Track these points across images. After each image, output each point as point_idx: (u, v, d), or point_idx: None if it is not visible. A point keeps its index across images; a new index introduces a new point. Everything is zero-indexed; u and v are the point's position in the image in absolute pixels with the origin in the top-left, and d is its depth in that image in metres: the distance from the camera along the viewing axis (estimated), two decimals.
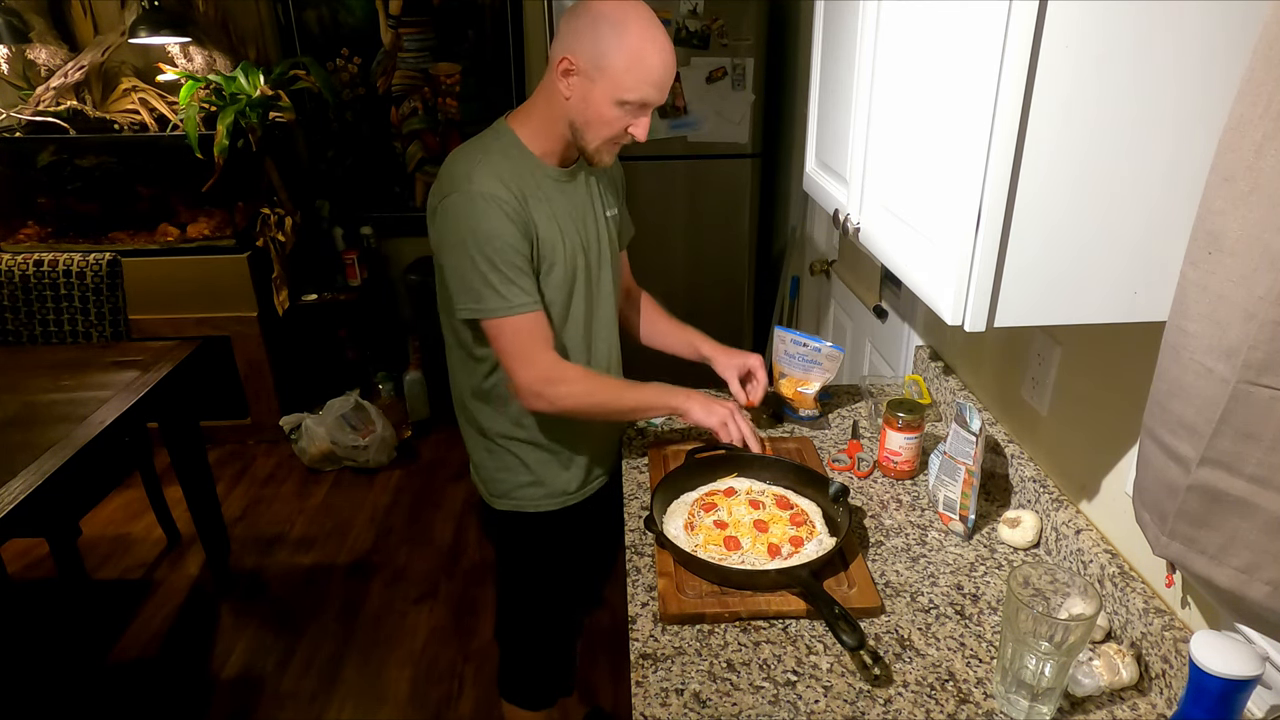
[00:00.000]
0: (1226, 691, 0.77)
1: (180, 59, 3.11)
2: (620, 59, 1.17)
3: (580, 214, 1.37)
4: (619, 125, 1.24)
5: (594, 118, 1.23)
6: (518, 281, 1.25)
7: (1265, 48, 0.64)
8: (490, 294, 1.24)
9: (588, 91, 1.21)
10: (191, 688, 2.21)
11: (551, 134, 1.29)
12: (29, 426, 1.91)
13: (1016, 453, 1.38)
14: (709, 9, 2.79)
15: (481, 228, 1.21)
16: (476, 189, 1.21)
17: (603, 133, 1.24)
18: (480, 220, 1.21)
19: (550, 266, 1.31)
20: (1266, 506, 0.67)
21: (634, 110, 1.22)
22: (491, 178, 1.22)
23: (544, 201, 1.29)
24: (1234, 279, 0.66)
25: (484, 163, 1.25)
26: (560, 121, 1.27)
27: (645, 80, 1.19)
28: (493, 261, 1.22)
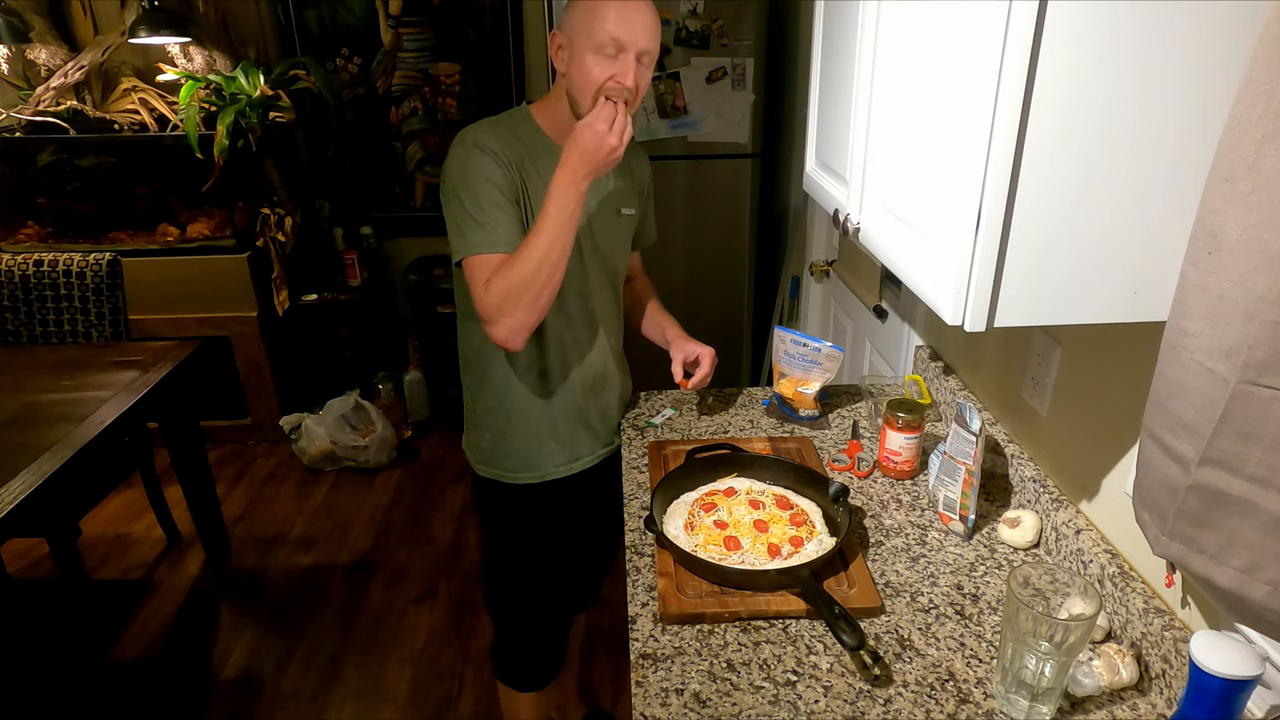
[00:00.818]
0: (1226, 691, 0.77)
1: (180, 59, 3.11)
2: (586, 7, 1.24)
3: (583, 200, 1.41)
4: (601, 74, 1.25)
5: (579, 78, 1.27)
6: (501, 220, 1.28)
7: (1265, 48, 0.64)
8: (473, 229, 1.28)
9: (571, 55, 1.27)
10: (191, 688, 2.21)
11: (559, 113, 1.35)
12: (29, 426, 1.91)
13: (1016, 453, 1.38)
14: (709, 9, 2.79)
15: (471, 170, 1.29)
16: (471, 140, 1.30)
17: (588, 86, 1.26)
18: (470, 165, 1.29)
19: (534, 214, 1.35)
20: (1266, 506, 0.67)
21: (612, 56, 1.24)
22: (489, 135, 1.31)
23: (542, 174, 1.33)
24: (1234, 279, 0.66)
25: (489, 126, 1.34)
26: (564, 99, 1.33)
27: (609, 16, 1.22)
28: (477, 201, 1.28)
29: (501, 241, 1.28)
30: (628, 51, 1.24)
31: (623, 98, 1.25)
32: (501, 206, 1.29)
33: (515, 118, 1.38)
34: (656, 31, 1.28)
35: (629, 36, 1.24)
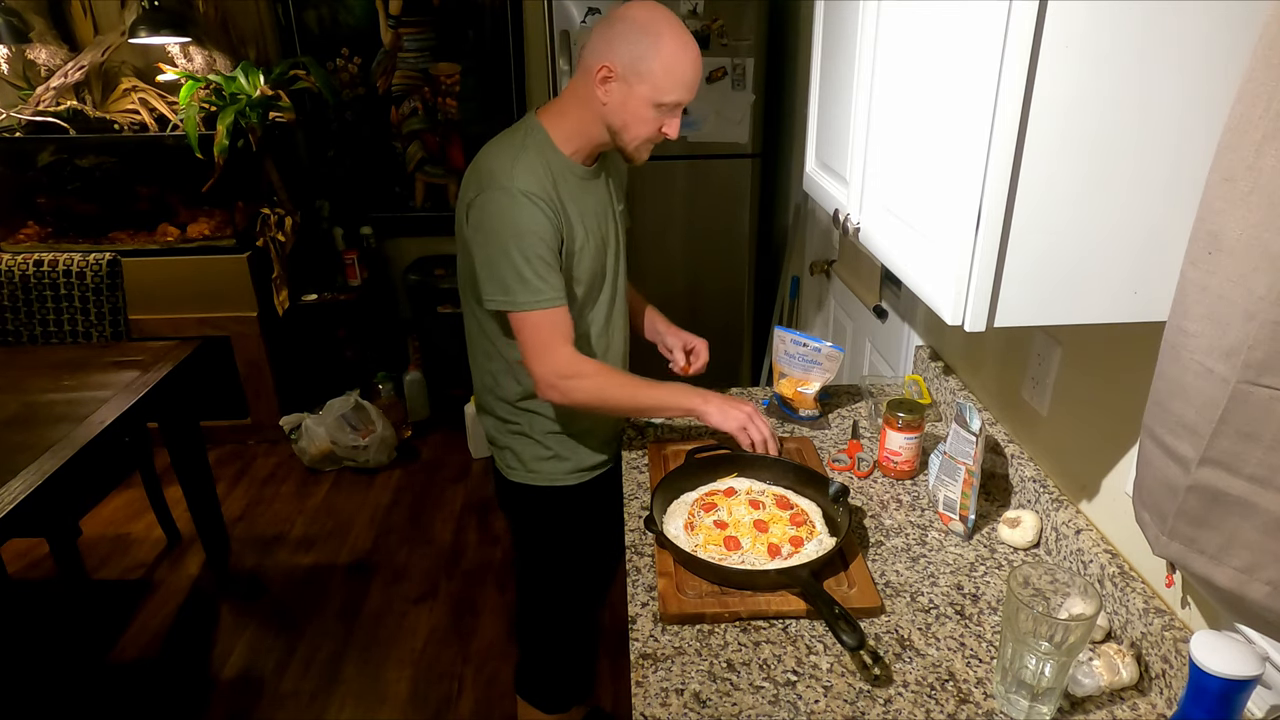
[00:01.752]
0: (1226, 691, 0.77)
1: (180, 59, 3.11)
2: (658, 64, 1.25)
3: (601, 210, 1.43)
4: (655, 125, 1.31)
5: (632, 119, 1.29)
6: (546, 277, 1.29)
7: (1265, 48, 0.64)
8: (519, 287, 1.29)
9: (626, 96, 1.27)
10: (191, 688, 2.21)
11: (585, 135, 1.35)
12: (29, 426, 1.91)
13: (1016, 453, 1.38)
14: (709, 9, 2.79)
15: (521, 224, 1.27)
16: (519, 186, 1.26)
17: (641, 133, 1.31)
18: (520, 216, 1.27)
19: (578, 261, 1.37)
20: (1266, 506, 0.67)
21: (669, 110, 1.30)
22: (531, 175, 1.28)
23: (572, 199, 1.35)
24: (1234, 279, 0.66)
25: (522, 160, 1.30)
26: (596, 125, 1.33)
27: (680, 83, 1.27)
28: (526, 256, 1.27)
29: (547, 300, 1.30)
30: (681, 107, 1.32)
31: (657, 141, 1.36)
32: (551, 265, 1.30)
33: (535, 141, 1.34)
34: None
35: (691, 98, 1.31)
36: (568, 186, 1.34)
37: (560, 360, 1.33)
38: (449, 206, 3.70)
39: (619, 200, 1.51)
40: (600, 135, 1.34)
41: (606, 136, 1.34)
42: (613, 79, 1.27)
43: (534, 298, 1.29)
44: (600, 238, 1.42)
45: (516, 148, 1.32)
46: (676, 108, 1.30)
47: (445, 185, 3.68)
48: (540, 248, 1.28)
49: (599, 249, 1.41)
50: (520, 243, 1.27)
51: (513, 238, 1.27)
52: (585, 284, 1.41)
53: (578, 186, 1.37)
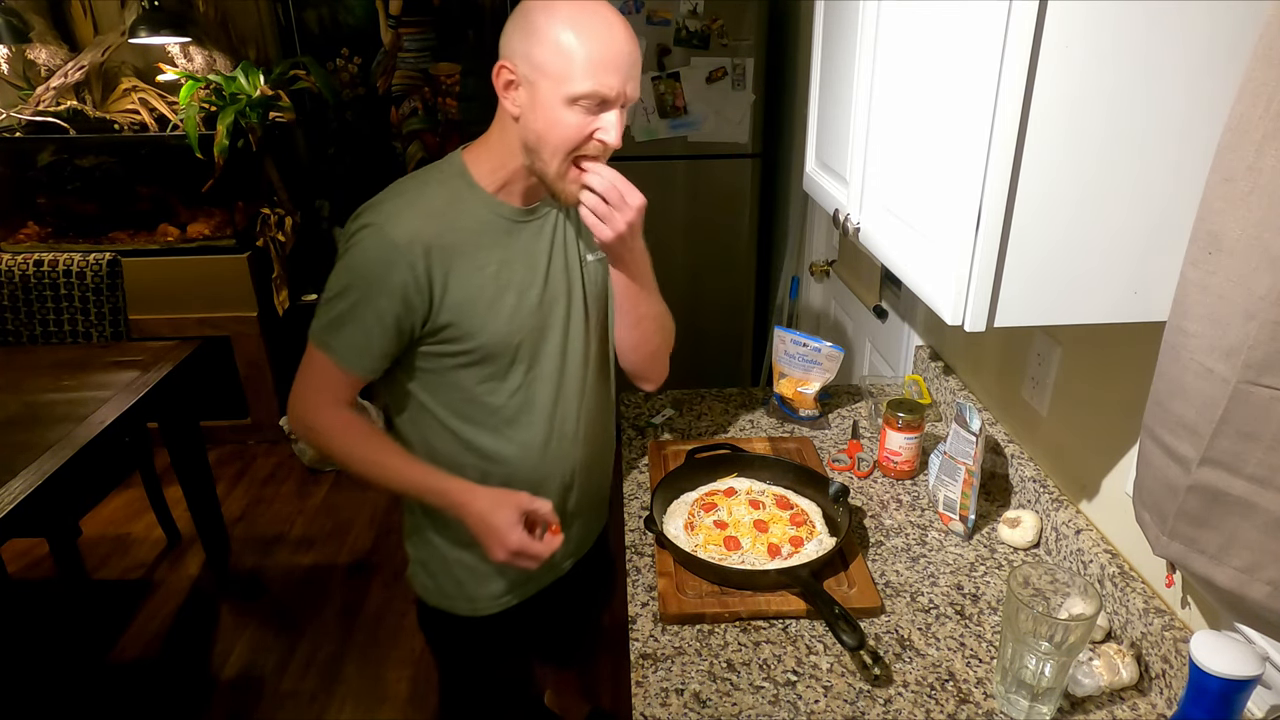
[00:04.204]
0: (1226, 691, 0.77)
1: (180, 59, 3.11)
2: (554, 47, 0.97)
3: (537, 261, 1.16)
4: (579, 130, 1.00)
5: (546, 128, 1.01)
6: (366, 335, 1.09)
7: (1265, 48, 0.64)
8: (331, 322, 1.09)
9: (532, 99, 1.01)
10: (191, 688, 2.21)
11: (507, 165, 1.09)
12: (29, 426, 1.91)
13: (1016, 453, 1.38)
14: (709, 9, 2.79)
15: (373, 270, 1.06)
16: (390, 234, 1.05)
17: (560, 143, 1.02)
18: (375, 263, 1.05)
19: (473, 324, 1.11)
20: (1266, 506, 0.67)
21: (592, 107, 1.00)
22: (413, 223, 1.06)
23: (484, 250, 1.11)
24: (1234, 279, 0.66)
25: (416, 202, 1.09)
26: (514, 149, 1.07)
27: (592, 65, 0.97)
28: (359, 302, 1.07)
29: (359, 363, 1.11)
30: (613, 104, 1.01)
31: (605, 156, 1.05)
32: (383, 327, 1.08)
33: (446, 174, 1.12)
34: (639, 65, 1.04)
35: (617, 87, 0.99)
36: (481, 233, 1.10)
37: (315, 408, 1.15)
38: None
39: (590, 248, 1.22)
40: (525, 161, 1.07)
41: (528, 164, 1.07)
42: (515, 83, 1.02)
43: (332, 340, 1.10)
44: (535, 294, 1.15)
45: (420, 183, 1.12)
46: (603, 103, 1.00)
47: None
48: (379, 305, 1.06)
49: (529, 307, 1.14)
50: (365, 286, 1.06)
51: (360, 279, 1.06)
52: (490, 351, 1.13)
53: (502, 231, 1.12)
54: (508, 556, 1.09)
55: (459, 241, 1.08)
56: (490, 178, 1.11)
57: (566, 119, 1.00)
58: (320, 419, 1.15)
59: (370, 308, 1.07)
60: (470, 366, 1.14)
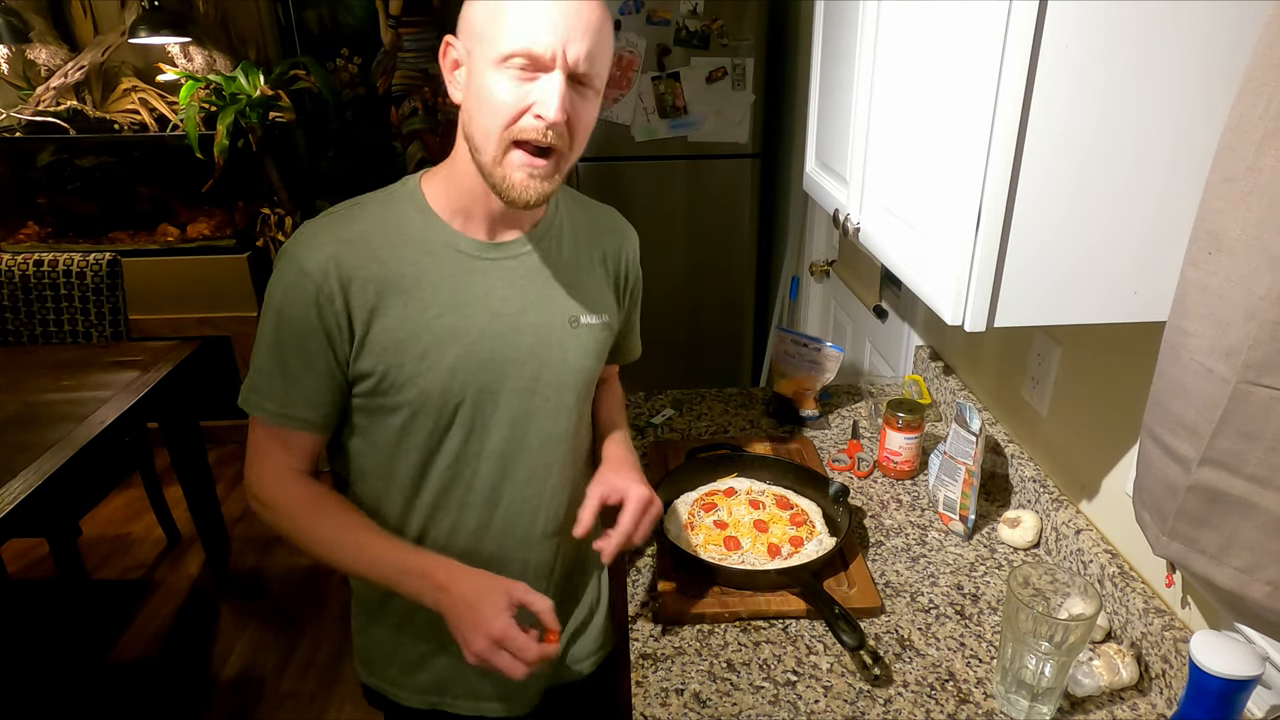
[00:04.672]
0: (1226, 691, 0.77)
1: (180, 59, 3.11)
2: (488, 4, 0.83)
3: (501, 309, 0.95)
4: (512, 101, 0.82)
5: (478, 103, 0.84)
6: (294, 382, 0.92)
7: (1265, 47, 0.64)
8: (256, 373, 0.94)
9: (469, 70, 0.86)
10: (191, 688, 2.21)
11: (464, 184, 0.92)
12: (29, 426, 1.91)
13: (1016, 453, 1.38)
14: (709, 9, 2.79)
15: (289, 301, 0.90)
16: (302, 259, 0.89)
17: (495, 119, 0.83)
18: (290, 293, 0.90)
19: (408, 372, 0.92)
20: (1266, 506, 0.67)
21: (523, 71, 0.82)
22: (329, 248, 0.89)
23: (427, 288, 0.92)
24: (1234, 279, 0.66)
25: (343, 224, 0.92)
26: (464, 155, 0.90)
27: (523, 15, 0.80)
28: (282, 343, 0.92)
29: (293, 417, 0.94)
30: (549, 66, 0.82)
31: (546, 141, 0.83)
32: (309, 368, 0.92)
33: (397, 202, 0.95)
34: (598, 28, 0.83)
35: (552, 45, 0.80)
36: (427, 266, 0.92)
37: (264, 481, 0.98)
38: None
39: (587, 306, 1.01)
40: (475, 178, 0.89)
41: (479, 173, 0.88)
42: (460, 61, 0.88)
43: (260, 401, 0.94)
44: (488, 348, 0.94)
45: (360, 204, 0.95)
46: (533, 64, 0.81)
47: None
48: (297, 340, 0.90)
49: (477, 362, 0.94)
50: (282, 326, 0.91)
51: (276, 315, 0.91)
52: (417, 409, 0.94)
53: (455, 267, 0.93)
54: (486, 648, 0.85)
55: (392, 275, 0.91)
56: (447, 201, 0.94)
57: (495, 86, 0.82)
58: (271, 493, 0.98)
59: (293, 349, 0.91)
60: (398, 425, 0.96)
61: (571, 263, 1.01)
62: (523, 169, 0.85)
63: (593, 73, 0.85)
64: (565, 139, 0.85)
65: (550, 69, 0.82)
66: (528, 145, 0.85)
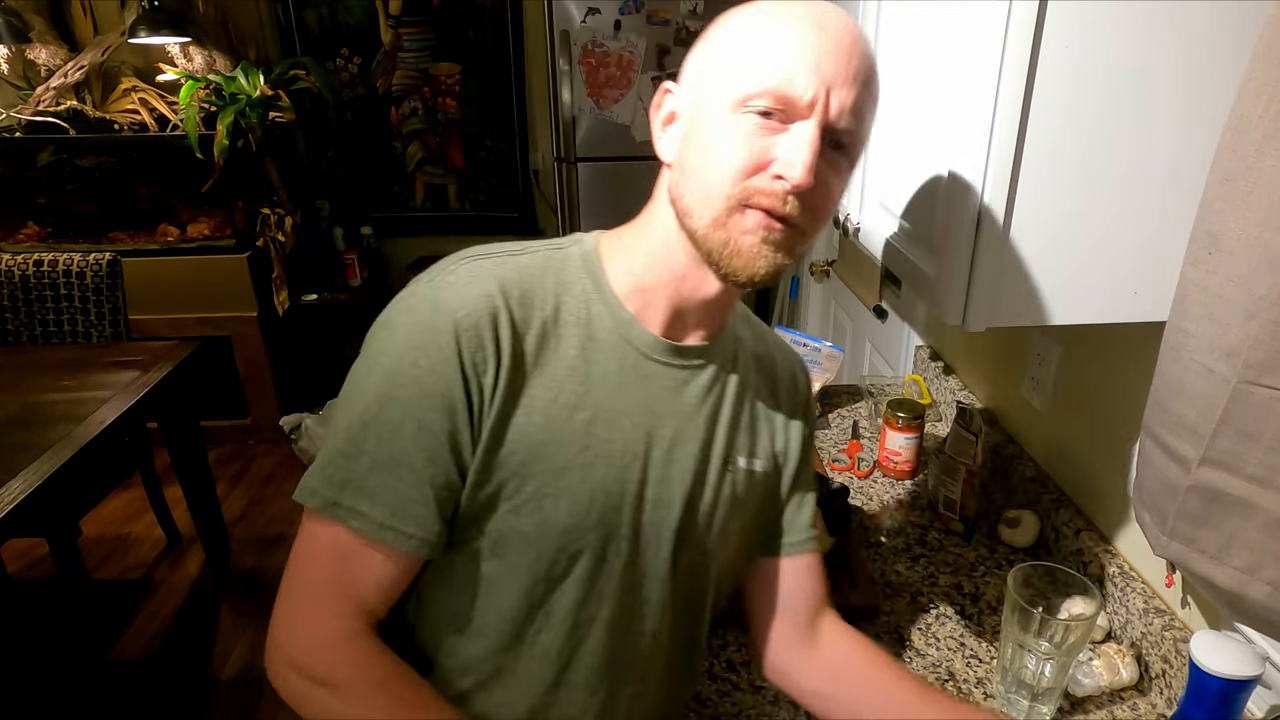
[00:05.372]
0: (1226, 691, 0.77)
1: (180, 59, 3.11)
2: (732, 36, 0.68)
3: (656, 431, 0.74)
4: (748, 156, 0.64)
5: (701, 156, 0.67)
6: (412, 475, 0.66)
7: (1265, 48, 0.64)
8: (346, 467, 0.67)
9: (692, 121, 0.69)
10: (191, 688, 2.21)
11: (650, 250, 0.73)
12: (29, 426, 1.91)
13: (1016, 453, 1.38)
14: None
15: (415, 354, 0.65)
16: (451, 296, 0.66)
17: (721, 175, 0.65)
18: (415, 341, 0.66)
19: (521, 505, 0.69)
20: (1266, 506, 0.67)
21: (768, 119, 0.64)
22: (494, 293, 0.67)
23: (584, 381, 0.70)
24: (1234, 279, 0.66)
25: (509, 265, 0.70)
26: (662, 223, 0.72)
27: (780, 48, 0.64)
28: (392, 413, 0.66)
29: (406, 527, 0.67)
30: (804, 114, 0.64)
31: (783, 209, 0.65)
32: (431, 458, 0.66)
33: (568, 262, 0.74)
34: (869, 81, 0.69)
35: (813, 85, 0.63)
36: (592, 358, 0.71)
37: (317, 635, 0.71)
38: (449, 206, 3.71)
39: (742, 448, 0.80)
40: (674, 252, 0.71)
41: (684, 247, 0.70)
42: (678, 112, 0.71)
43: (350, 499, 0.66)
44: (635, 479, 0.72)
45: (523, 249, 0.74)
46: (784, 109, 0.64)
47: (445, 185, 3.68)
48: (423, 414, 0.65)
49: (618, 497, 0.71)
50: (387, 389, 0.66)
51: (383, 376, 0.67)
52: (538, 549, 0.70)
53: (620, 366, 0.72)
54: None
55: (550, 353, 0.69)
56: (627, 275, 0.73)
57: (729, 135, 0.65)
58: (324, 661, 0.71)
59: (416, 429, 0.66)
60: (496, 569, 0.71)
61: (739, 389, 0.80)
62: (756, 232, 0.65)
63: (855, 135, 0.68)
64: (808, 214, 0.66)
65: (804, 117, 0.64)
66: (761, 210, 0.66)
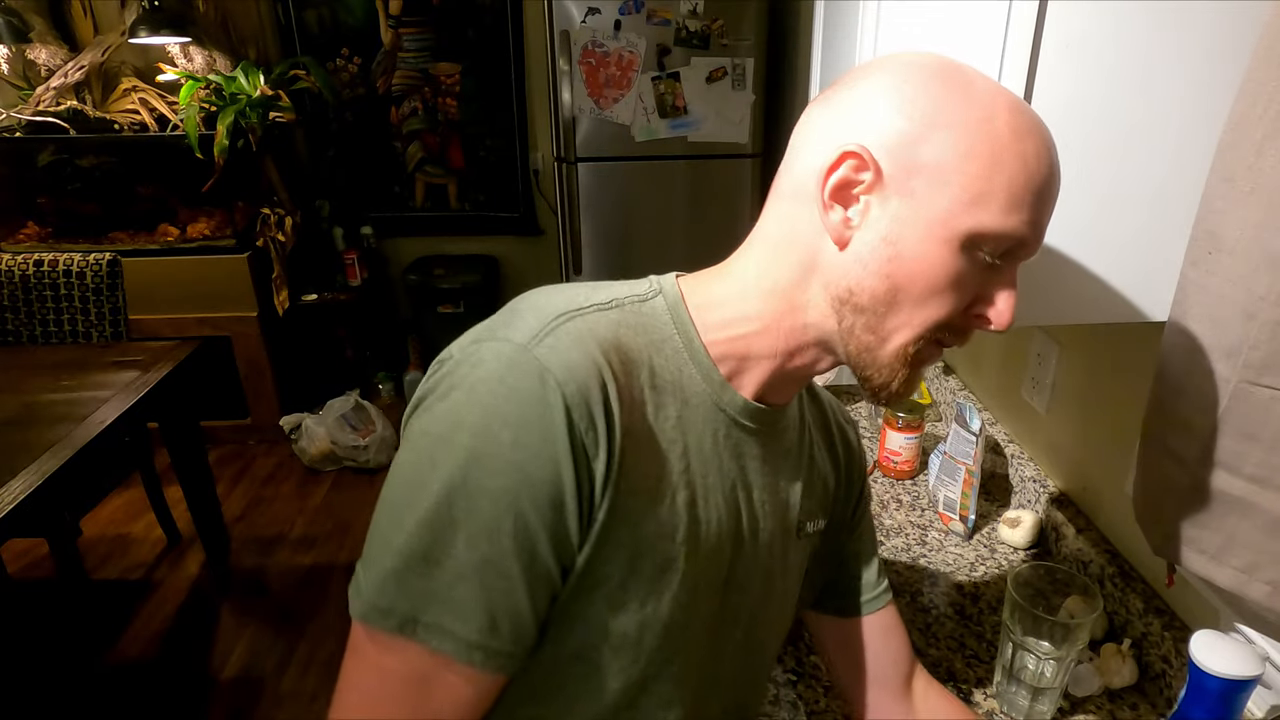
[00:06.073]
0: (1226, 691, 0.77)
1: (180, 59, 3.11)
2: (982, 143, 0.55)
3: (744, 502, 0.65)
4: (968, 294, 0.58)
5: (910, 276, 0.56)
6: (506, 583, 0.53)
7: (1266, 46, 0.64)
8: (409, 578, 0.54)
9: (898, 218, 0.56)
10: (191, 688, 2.21)
11: (764, 324, 0.61)
12: (29, 426, 1.91)
13: (1016, 453, 1.38)
14: (709, 9, 2.79)
15: (515, 432, 0.52)
16: (553, 361, 0.53)
17: (934, 311, 0.57)
18: (512, 415, 0.52)
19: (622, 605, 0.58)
20: (1266, 506, 0.67)
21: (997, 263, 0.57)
22: (599, 359, 0.55)
23: (680, 455, 0.60)
24: (1234, 279, 0.66)
25: (604, 323, 0.57)
26: (794, 301, 0.60)
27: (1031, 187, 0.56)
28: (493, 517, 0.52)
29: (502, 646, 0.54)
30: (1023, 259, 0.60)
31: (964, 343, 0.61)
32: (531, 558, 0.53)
33: (655, 314, 0.62)
34: None
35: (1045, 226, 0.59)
36: (689, 418, 0.61)
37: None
38: (449, 206, 3.71)
39: (809, 509, 0.73)
40: (801, 336, 0.61)
41: (823, 334, 0.60)
42: (878, 183, 0.56)
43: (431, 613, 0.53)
44: (725, 561, 0.64)
45: (609, 303, 0.60)
46: (1011, 255, 0.58)
47: (445, 185, 3.68)
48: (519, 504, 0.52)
49: (714, 586, 0.64)
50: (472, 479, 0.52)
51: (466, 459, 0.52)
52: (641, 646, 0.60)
53: (710, 429, 0.62)
54: None
55: (649, 426, 0.58)
56: (722, 338, 0.62)
57: (955, 269, 0.56)
58: None
59: (510, 511, 0.52)
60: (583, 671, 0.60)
61: (809, 449, 0.73)
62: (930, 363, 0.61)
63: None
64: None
65: (1021, 261, 0.59)
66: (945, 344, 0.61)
